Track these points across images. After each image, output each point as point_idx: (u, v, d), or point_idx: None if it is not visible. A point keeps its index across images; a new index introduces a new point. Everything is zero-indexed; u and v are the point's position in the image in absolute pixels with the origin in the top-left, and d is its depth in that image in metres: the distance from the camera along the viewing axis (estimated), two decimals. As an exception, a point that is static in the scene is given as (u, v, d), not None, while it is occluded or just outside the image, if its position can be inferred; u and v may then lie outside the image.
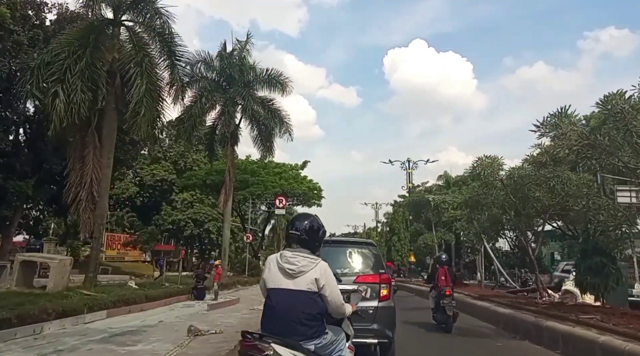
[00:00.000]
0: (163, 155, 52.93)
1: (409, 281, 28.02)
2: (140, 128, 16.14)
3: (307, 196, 40.49)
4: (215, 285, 18.00)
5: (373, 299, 6.20)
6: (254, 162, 40.19)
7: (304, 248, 3.13)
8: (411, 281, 27.18)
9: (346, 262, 6.68)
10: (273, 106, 29.18)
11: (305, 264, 3.03)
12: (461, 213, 16.31)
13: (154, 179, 50.51)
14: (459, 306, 11.64)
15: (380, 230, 59.70)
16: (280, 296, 3.01)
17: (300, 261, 3.04)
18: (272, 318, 3.00)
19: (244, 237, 33.59)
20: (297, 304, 2.95)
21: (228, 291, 24.17)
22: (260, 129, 30.03)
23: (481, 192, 12.27)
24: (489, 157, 11.25)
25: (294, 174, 39.11)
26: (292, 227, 3.22)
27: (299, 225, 3.18)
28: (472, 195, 13.03)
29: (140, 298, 14.82)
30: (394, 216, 38.49)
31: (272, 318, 3.00)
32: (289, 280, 3.02)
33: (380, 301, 6.30)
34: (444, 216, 20.01)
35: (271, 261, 3.20)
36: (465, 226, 16.88)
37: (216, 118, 28.98)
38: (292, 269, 3.02)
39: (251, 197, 34.81)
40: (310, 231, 3.17)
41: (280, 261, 3.09)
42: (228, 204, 29.19)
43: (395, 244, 35.40)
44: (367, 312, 6.02)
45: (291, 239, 3.22)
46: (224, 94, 28.37)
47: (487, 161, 11.36)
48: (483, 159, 11.30)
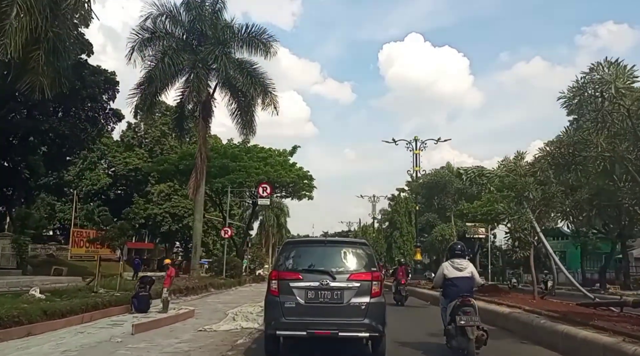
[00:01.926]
0: (138, 142, 47.72)
1: (416, 283, 23.03)
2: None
3: (296, 186, 35.33)
4: (165, 292, 12.96)
5: (365, 295, 6.53)
6: (235, 146, 35.10)
7: (462, 257, 7.53)
8: (420, 283, 22.14)
9: (340, 261, 6.89)
10: (254, 71, 24.13)
11: (465, 264, 7.41)
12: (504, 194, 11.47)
13: (126, 169, 45.27)
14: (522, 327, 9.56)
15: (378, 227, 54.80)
16: (459, 280, 7.20)
17: (463, 263, 7.40)
18: (456, 290, 7.11)
19: (222, 232, 28.42)
20: (468, 282, 7.27)
21: (195, 296, 19.11)
22: (239, 101, 24.98)
23: (581, 138, 7.06)
24: (613, 62, 6.11)
25: (281, 160, 33.97)
26: (457, 249, 7.65)
27: (459, 247, 7.74)
28: (563, 142, 7.61)
29: (35, 315, 9.70)
30: (395, 208, 33.40)
31: (456, 290, 7.11)
32: (460, 272, 7.26)
33: (371, 298, 6.56)
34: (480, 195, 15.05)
35: (446, 266, 7.46)
36: (515, 208, 11.86)
37: (185, 86, 23.84)
38: (461, 266, 7.35)
39: (230, 185, 29.63)
40: (463, 249, 7.71)
41: (453, 264, 7.38)
42: (200, 191, 24.09)
43: (396, 241, 30.37)
44: (360, 308, 6.47)
45: (456, 254, 7.54)
46: (194, 56, 23.30)
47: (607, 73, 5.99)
48: (602, 65, 6.12)
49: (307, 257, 6.95)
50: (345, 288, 6.46)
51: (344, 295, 6.44)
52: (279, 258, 7.26)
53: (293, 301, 6.42)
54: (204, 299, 18.41)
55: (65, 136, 28.22)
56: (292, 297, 6.45)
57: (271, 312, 6.65)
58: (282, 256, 7.14)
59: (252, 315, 12.67)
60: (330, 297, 6.44)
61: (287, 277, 6.63)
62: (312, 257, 6.89)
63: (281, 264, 6.96)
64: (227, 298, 18.97)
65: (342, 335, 6.36)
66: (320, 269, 6.59)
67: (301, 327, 6.39)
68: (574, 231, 44.57)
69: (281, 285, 6.57)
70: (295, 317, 6.40)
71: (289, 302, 6.43)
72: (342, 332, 6.33)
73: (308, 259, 6.88)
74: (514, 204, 11.31)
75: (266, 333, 6.82)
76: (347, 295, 6.43)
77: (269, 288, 6.78)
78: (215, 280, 24.42)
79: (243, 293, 22.31)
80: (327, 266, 6.61)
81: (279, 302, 6.50)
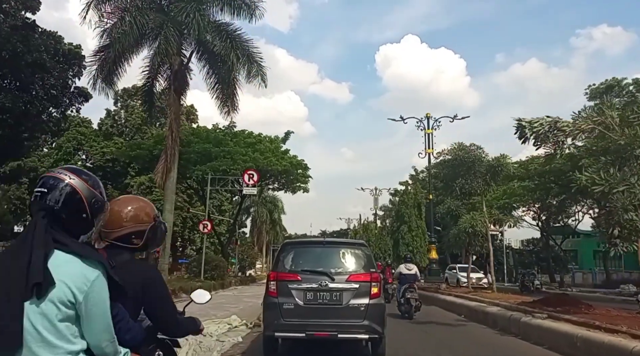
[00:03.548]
0: (117, 130, 43.80)
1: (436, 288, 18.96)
2: None
3: (289, 177, 31.45)
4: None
5: (364, 296, 6.43)
6: (219, 130, 31.23)
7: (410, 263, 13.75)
8: (440, 288, 18.22)
9: (339, 262, 6.87)
10: (236, 35, 20.29)
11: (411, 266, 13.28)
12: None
13: (103, 159, 41.37)
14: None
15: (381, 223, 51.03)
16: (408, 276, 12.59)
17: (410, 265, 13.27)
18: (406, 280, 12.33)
19: (200, 226, 24.54)
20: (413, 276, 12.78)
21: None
22: (219, 71, 21.15)
23: None
24: None
25: (272, 147, 30.08)
26: (407, 258, 14.82)
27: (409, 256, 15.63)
28: None
29: None
30: (402, 199, 29.51)
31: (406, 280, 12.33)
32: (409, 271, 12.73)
33: (371, 299, 6.47)
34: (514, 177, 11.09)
35: (401, 267, 13.25)
36: (617, 175, 7.67)
37: (155, 54, 19.95)
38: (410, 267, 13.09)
39: (213, 173, 25.77)
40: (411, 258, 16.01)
41: (406, 266, 13.07)
42: (171, 176, 20.21)
43: (404, 236, 26.55)
44: (359, 309, 6.36)
45: (407, 260, 14.19)
46: (163, 15, 19.47)
47: None
48: None
49: (306, 258, 6.93)
50: (344, 289, 6.39)
51: (343, 296, 6.39)
52: (278, 259, 7.19)
53: (292, 303, 6.38)
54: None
55: (21, 114, 24.29)
56: (291, 298, 6.41)
57: (269, 314, 6.61)
58: (281, 256, 7.08)
59: (211, 339, 8.90)
60: (329, 298, 6.40)
61: (285, 278, 6.59)
62: (311, 258, 6.78)
63: (279, 265, 6.90)
64: (197, 307, 14.97)
65: (341, 337, 6.29)
66: (319, 270, 6.49)
67: (300, 329, 6.37)
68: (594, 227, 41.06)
69: (280, 286, 6.54)
70: (294, 319, 6.37)
71: (287, 304, 6.38)
72: (341, 334, 6.27)
73: (307, 260, 6.82)
74: (615, 169, 7.27)
75: (264, 334, 6.77)
76: (346, 296, 6.38)
77: (267, 290, 6.75)
78: (190, 283, 20.58)
79: (221, 299, 18.52)
80: (325, 267, 6.53)
81: (277, 303, 6.45)
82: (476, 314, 11.79)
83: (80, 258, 1.49)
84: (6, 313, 1.38)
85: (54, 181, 1.57)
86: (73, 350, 1.47)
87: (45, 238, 1.46)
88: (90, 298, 1.48)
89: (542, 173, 22.27)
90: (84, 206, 1.58)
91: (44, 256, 1.43)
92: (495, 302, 11.62)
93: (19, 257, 1.43)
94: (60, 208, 1.54)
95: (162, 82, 21.87)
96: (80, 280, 1.47)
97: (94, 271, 1.50)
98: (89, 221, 1.62)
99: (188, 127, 33.03)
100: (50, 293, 1.42)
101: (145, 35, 19.35)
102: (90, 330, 1.51)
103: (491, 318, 10.63)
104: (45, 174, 1.65)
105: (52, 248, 1.47)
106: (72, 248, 1.50)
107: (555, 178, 22.05)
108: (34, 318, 1.41)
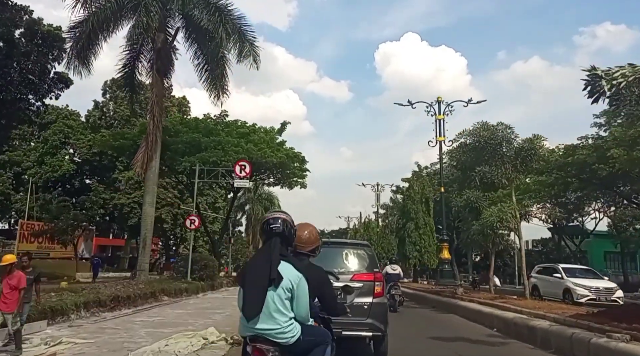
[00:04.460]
0: (105, 123, 41.68)
1: (452, 292, 16.42)
2: None
3: (285, 170, 29.33)
4: (10, 320, 7.05)
5: (368, 295, 6.70)
6: (210, 119, 29.12)
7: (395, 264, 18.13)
8: (456, 292, 16.02)
9: (343, 262, 7.07)
10: (225, 9, 18.26)
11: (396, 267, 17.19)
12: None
13: (90, 153, 39.26)
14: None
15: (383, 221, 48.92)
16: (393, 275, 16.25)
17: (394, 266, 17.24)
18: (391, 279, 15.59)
19: (187, 221, 22.43)
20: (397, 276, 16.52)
21: (129, 311, 13.30)
22: (207, 50, 19.12)
23: None
24: None
25: (267, 138, 27.99)
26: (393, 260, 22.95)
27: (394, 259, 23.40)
28: None
29: None
30: (408, 194, 27.31)
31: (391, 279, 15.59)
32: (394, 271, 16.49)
33: (374, 298, 6.73)
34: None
35: (387, 268, 16.70)
36: None
37: (133, 26, 17.89)
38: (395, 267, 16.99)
39: (202, 165, 23.68)
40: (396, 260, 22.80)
41: (391, 267, 16.94)
42: (152, 165, 18.17)
43: (411, 234, 24.38)
44: (362, 307, 6.57)
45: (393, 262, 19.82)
46: (145, -15, 17.42)
47: None
48: None
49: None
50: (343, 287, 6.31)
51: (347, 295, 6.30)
52: None
53: None
54: (138, 315, 12.49)
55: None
56: None
57: None
58: None
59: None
60: None
61: None
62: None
63: None
64: (175, 313, 13.13)
65: (345, 334, 6.22)
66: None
67: None
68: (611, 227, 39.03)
69: None
70: None
71: None
72: (345, 331, 6.20)
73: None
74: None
75: None
76: (350, 295, 6.21)
77: None
78: (174, 285, 18.52)
79: (206, 304, 16.50)
80: (330, 267, 6.13)
81: None
82: (515, 328, 9.44)
83: (292, 265, 2.87)
84: (257, 294, 2.74)
85: (277, 217, 3.09)
86: (290, 316, 2.82)
87: (278, 251, 2.85)
88: (298, 288, 2.84)
89: (562, 166, 20.22)
90: (291, 230, 3.13)
91: (277, 262, 2.80)
92: (539, 314, 9.41)
93: (265, 261, 2.82)
94: (282, 231, 3.02)
95: (145, 64, 19.91)
96: (294, 278, 2.83)
97: (299, 274, 2.85)
98: (291, 239, 3.13)
99: (179, 118, 30.91)
100: (280, 284, 2.76)
101: (124, 6, 17.33)
102: (297, 306, 2.86)
103: (540, 334, 8.43)
104: (272, 216, 3.13)
105: (279, 258, 2.84)
106: (289, 259, 2.92)
107: (577, 171, 20.11)
108: (271, 297, 2.76)
